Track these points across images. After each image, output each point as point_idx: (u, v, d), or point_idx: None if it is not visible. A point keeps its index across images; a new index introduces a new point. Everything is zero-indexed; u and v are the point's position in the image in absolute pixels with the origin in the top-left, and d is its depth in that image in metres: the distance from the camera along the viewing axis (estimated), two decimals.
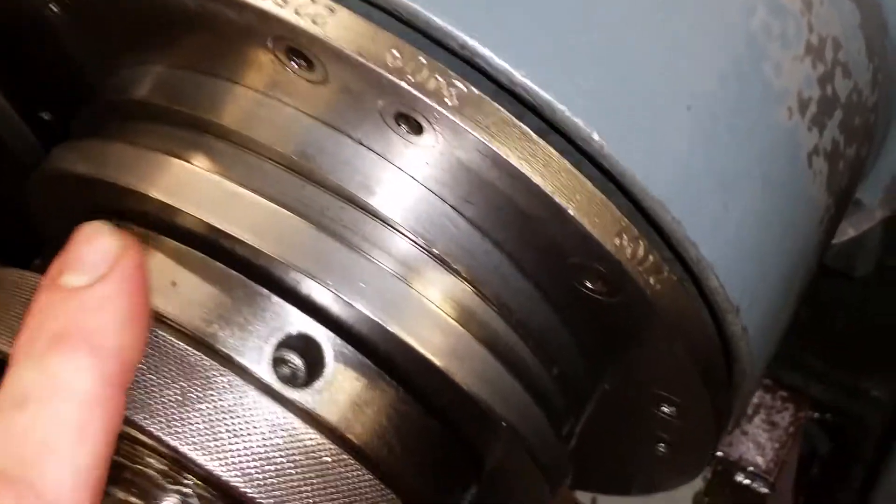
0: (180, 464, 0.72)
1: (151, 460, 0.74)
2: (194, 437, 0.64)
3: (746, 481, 1.25)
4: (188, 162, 0.68)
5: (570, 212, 0.63)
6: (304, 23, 0.60)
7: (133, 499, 0.75)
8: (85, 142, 0.72)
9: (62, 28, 0.76)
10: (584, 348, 0.74)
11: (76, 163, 0.71)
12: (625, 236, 0.64)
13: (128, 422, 0.64)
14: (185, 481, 0.73)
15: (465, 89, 0.61)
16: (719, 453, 1.25)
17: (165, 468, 0.73)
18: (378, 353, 0.69)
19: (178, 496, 0.74)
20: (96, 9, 0.72)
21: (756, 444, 1.26)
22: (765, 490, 1.25)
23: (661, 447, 0.84)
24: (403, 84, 0.60)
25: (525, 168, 0.62)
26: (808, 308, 0.90)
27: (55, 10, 0.73)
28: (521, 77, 0.61)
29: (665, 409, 0.78)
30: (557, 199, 0.62)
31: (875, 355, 1.38)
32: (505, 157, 0.61)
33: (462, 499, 0.77)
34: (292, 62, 0.64)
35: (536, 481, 0.76)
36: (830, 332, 1.38)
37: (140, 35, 0.71)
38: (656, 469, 0.88)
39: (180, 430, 0.64)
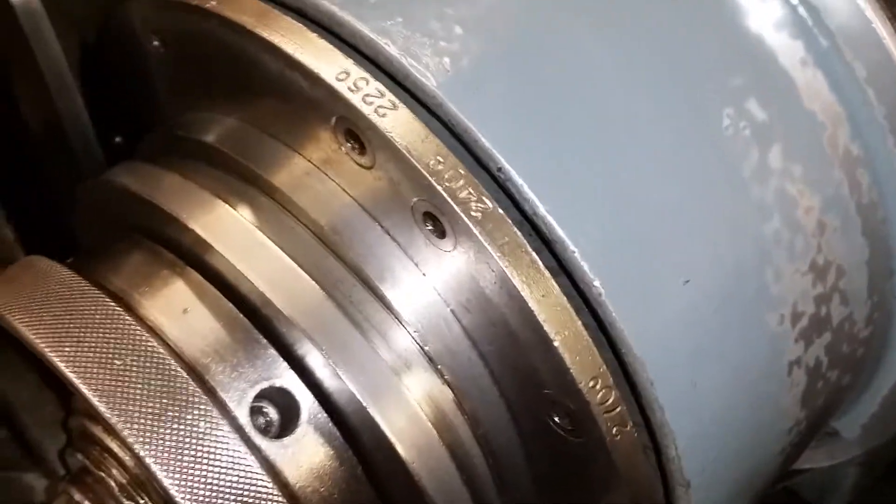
0: (139, 481, 0.77)
1: (115, 471, 0.78)
2: (160, 451, 0.67)
3: None
4: (231, 207, 0.74)
5: (556, 343, 0.67)
6: (367, 110, 0.67)
7: (87, 503, 0.79)
8: (144, 165, 0.79)
9: (156, 63, 0.83)
10: (537, 481, 0.78)
11: (132, 181, 0.78)
12: (600, 381, 0.69)
13: (103, 420, 0.68)
14: (140, 500, 0.77)
15: (491, 207, 0.67)
16: None
17: (125, 482, 0.77)
18: (348, 427, 0.73)
19: None
20: (192, 53, 0.79)
21: None
22: None
23: None
24: (438, 187, 0.66)
25: (525, 292, 0.67)
26: None
27: (157, 45, 0.81)
28: (543, 211, 0.67)
29: None
30: (547, 328, 0.67)
31: None
32: (510, 276, 0.67)
33: None
34: (348, 143, 0.70)
35: None
36: None
37: (222, 86, 0.79)
38: None
39: (149, 441, 0.67)
